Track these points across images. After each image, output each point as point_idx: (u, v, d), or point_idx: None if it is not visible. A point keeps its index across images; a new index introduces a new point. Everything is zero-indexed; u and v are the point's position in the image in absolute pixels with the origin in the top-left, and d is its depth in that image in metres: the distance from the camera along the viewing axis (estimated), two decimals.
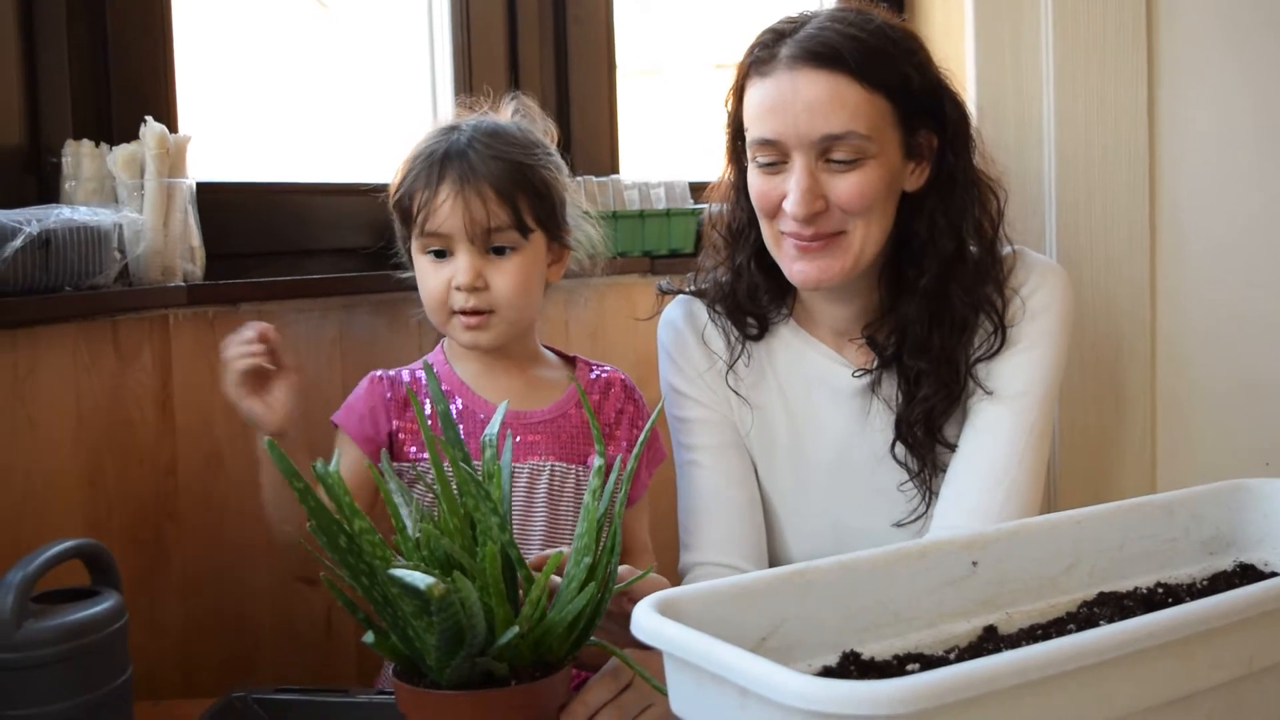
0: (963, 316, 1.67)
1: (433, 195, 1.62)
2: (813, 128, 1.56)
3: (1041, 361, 1.69)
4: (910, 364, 1.68)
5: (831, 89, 1.56)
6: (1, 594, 1.24)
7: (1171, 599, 1.16)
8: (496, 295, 1.63)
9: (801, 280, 1.66)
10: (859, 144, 1.57)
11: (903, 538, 1.71)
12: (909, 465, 1.70)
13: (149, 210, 1.74)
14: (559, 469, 1.68)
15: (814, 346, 1.77)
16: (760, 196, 1.64)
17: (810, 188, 1.58)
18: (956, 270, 1.66)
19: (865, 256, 1.63)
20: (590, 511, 1.23)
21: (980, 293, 1.68)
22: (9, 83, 1.73)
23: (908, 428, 1.69)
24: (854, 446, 1.75)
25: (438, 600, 1.04)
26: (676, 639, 0.91)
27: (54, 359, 1.64)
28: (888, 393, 1.72)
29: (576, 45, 2.39)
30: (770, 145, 1.60)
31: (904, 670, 1.01)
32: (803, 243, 1.62)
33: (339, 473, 1.20)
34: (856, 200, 1.58)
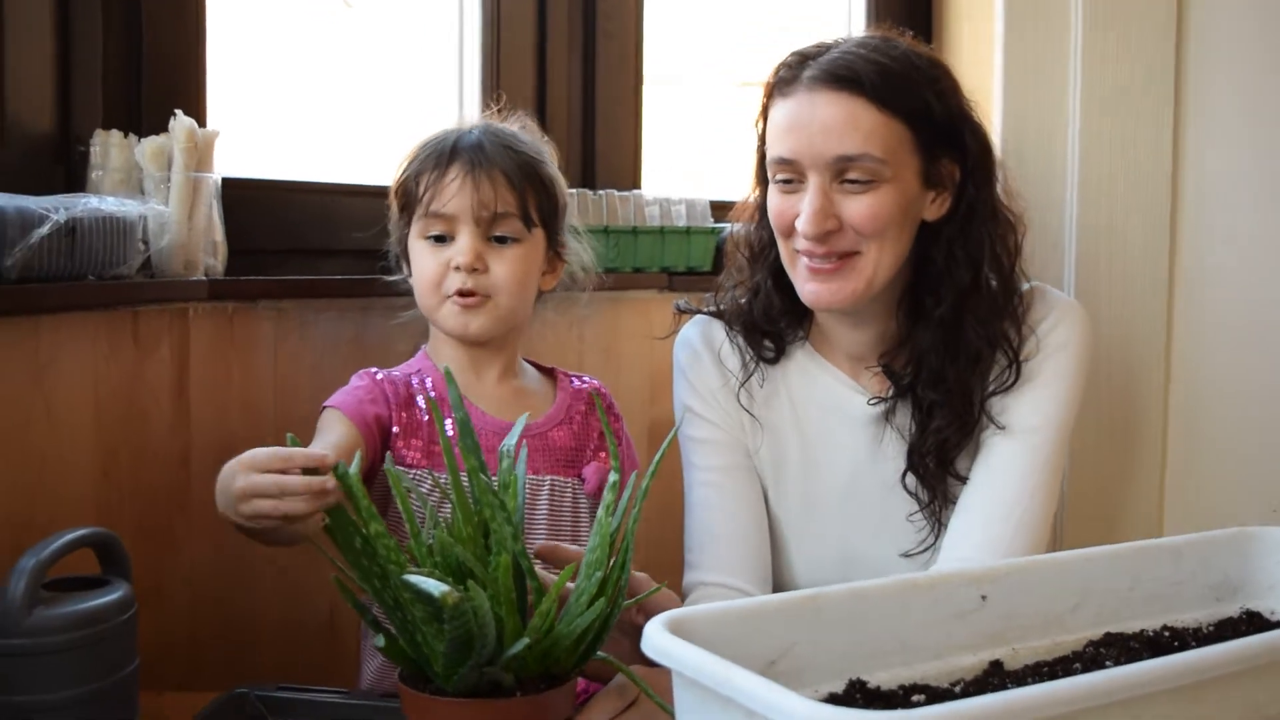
0: (976, 349, 1.66)
1: (441, 175, 1.62)
2: (827, 148, 1.58)
3: (1056, 398, 1.69)
4: (924, 394, 1.68)
5: (847, 111, 1.58)
6: (13, 580, 1.24)
7: (1178, 643, 1.16)
8: (495, 280, 1.63)
9: (814, 301, 1.66)
10: (873, 166, 1.57)
11: (910, 568, 1.71)
12: (919, 496, 1.70)
13: (174, 203, 1.75)
14: (558, 484, 1.68)
15: (829, 372, 1.77)
16: (777, 215, 1.66)
17: (822, 207, 1.59)
18: (972, 302, 1.66)
19: (878, 281, 1.63)
20: (604, 526, 1.23)
21: (995, 326, 1.67)
22: (42, 71, 1.74)
23: (919, 458, 1.69)
24: (865, 474, 1.74)
25: (451, 608, 1.05)
26: (687, 659, 0.91)
27: (74, 347, 1.65)
28: (901, 422, 1.72)
29: (605, 59, 2.40)
30: (787, 164, 1.62)
31: (909, 701, 1.02)
32: (815, 263, 1.63)
33: (358, 475, 1.21)
34: (868, 222, 1.59)
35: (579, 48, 2.37)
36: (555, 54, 2.34)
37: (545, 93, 2.32)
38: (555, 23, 2.33)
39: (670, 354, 1.87)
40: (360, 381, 1.66)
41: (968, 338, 1.66)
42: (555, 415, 1.72)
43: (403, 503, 1.24)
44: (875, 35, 1.68)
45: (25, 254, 1.51)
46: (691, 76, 2.70)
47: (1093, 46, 2.28)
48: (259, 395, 1.89)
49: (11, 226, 1.50)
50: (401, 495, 1.25)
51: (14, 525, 1.58)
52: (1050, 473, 1.67)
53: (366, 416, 1.60)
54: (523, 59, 2.31)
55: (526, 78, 2.30)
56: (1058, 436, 1.68)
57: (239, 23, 2.04)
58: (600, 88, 2.39)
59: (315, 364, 1.95)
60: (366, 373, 1.68)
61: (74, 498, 1.66)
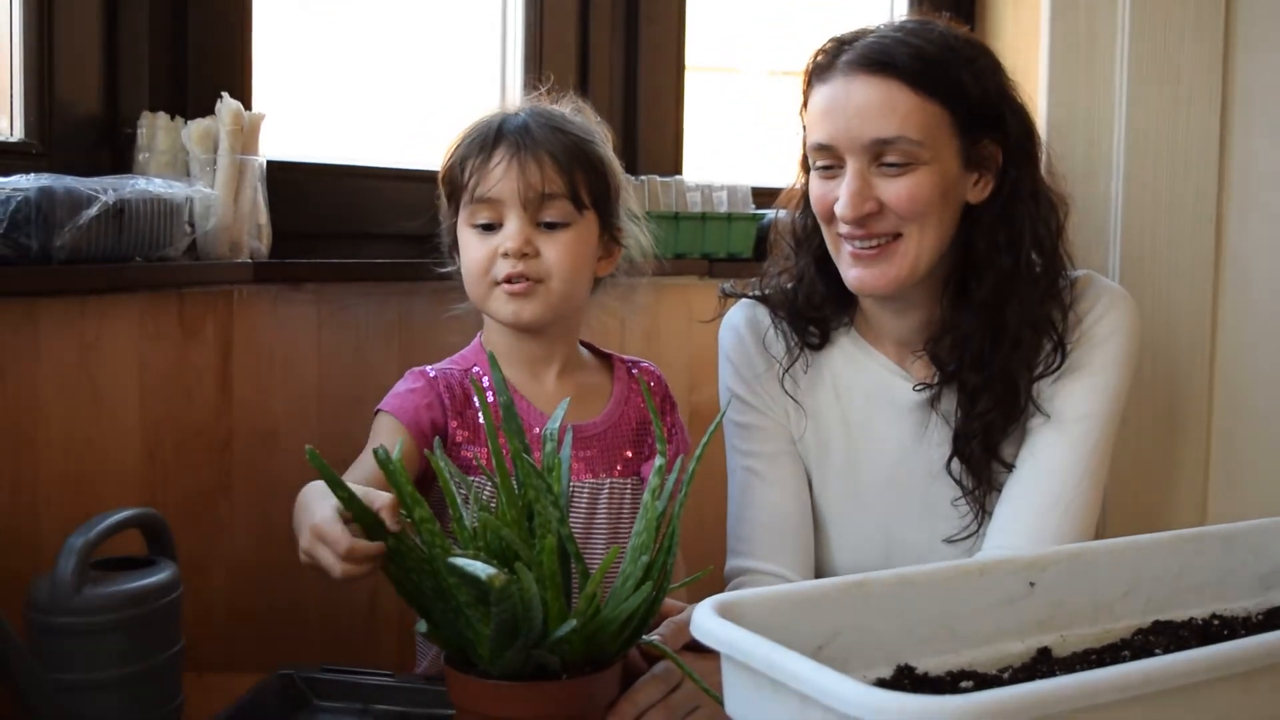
0: (1018, 332, 1.64)
1: (486, 159, 1.57)
2: (863, 131, 1.57)
3: (1105, 387, 1.67)
4: (968, 378, 1.66)
5: (883, 94, 1.57)
6: (62, 559, 1.25)
7: (1227, 631, 1.16)
8: (546, 265, 1.57)
9: (858, 286, 1.65)
10: (910, 149, 1.57)
11: (952, 554, 1.69)
12: (964, 482, 1.69)
13: (221, 185, 1.75)
14: (617, 486, 1.63)
15: (874, 358, 1.76)
16: (818, 201, 1.65)
17: (859, 190, 1.58)
18: (1013, 285, 1.65)
19: (921, 265, 1.62)
20: (649, 510, 1.23)
21: (1039, 310, 1.66)
22: (89, 53, 1.75)
23: (965, 443, 1.67)
24: (910, 460, 1.73)
25: (498, 591, 1.05)
26: (738, 643, 0.91)
27: (120, 328, 1.65)
28: (947, 408, 1.70)
29: (647, 44, 2.39)
30: (825, 149, 1.61)
31: (957, 687, 1.01)
32: (857, 248, 1.62)
33: (401, 460, 1.20)
34: (907, 203, 1.58)
35: (621, 32, 2.37)
36: (598, 39, 2.34)
37: (588, 77, 2.32)
38: (598, 7, 2.33)
39: (712, 339, 1.86)
40: (415, 384, 1.60)
41: (1009, 321, 1.64)
42: (613, 412, 1.67)
43: (445, 487, 1.24)
44: (912, 19, 1.68)
45: (74, 235, 1.52)
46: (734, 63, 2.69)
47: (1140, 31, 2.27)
48: (302, 378, 1.89)
49: (60, 207, 1.51)
50: (444, 479, 1.24)
51: (60, 504, 1.59)
52: (1097, 462, 1.66)
53: (422, 424, 1.55)
54: (565, 43, 2.30)
55: (569, 62, 2.30)
56: (1106, 426, 1.67)
57: (284, 6, 2.04)
58: (643, 72, 2.39)
59: (358, 348, 1.95)
60: (420, 372, 1.62)
61: (118, 479, 1.67)
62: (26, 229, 1.49)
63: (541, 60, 2.26)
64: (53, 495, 1.59)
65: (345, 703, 1.42)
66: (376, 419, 1.58)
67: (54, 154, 1.71)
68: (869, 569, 1.66)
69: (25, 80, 1.70)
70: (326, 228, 2.01)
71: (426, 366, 1.63)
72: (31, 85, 1.70)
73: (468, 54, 2.32)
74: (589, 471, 1.61)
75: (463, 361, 1.66)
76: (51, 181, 1.51)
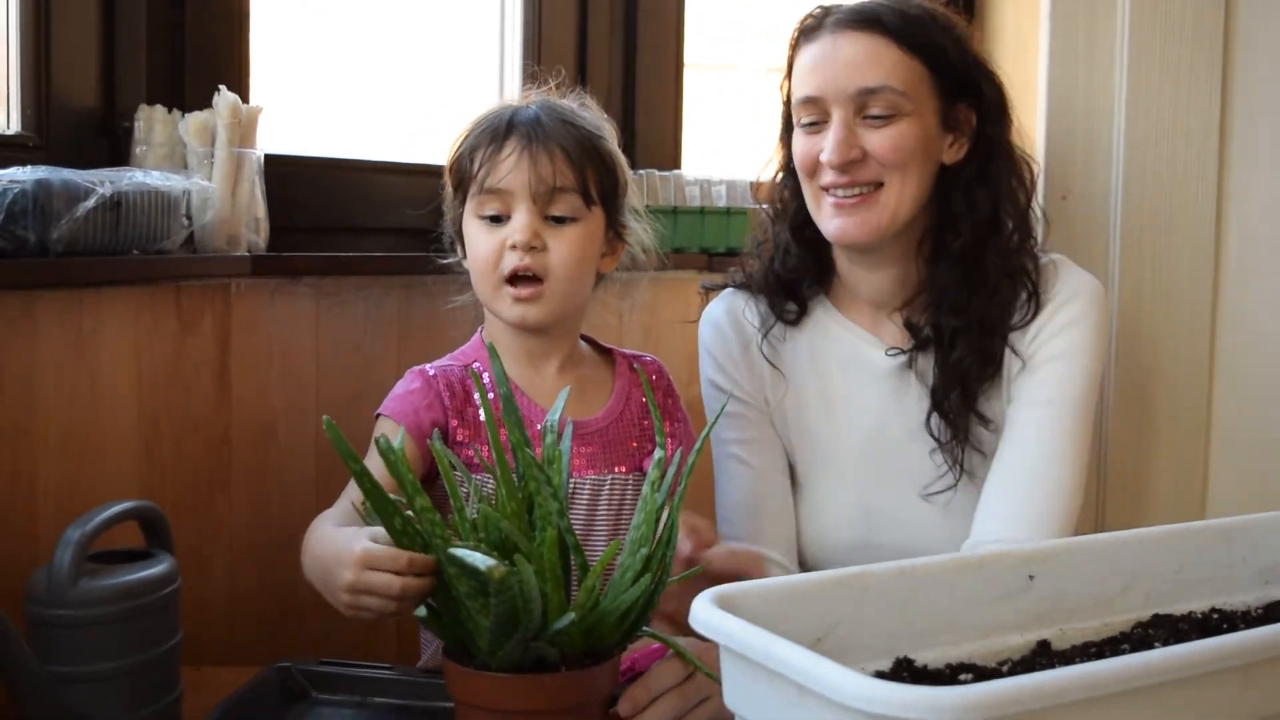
0: (996, 280, 1.70)
1: (497, 150, 1.56)
2: (850, 82, 1.64)
3: (1074, 369, 1.70)
4: (945, 325, 1.71)
5: (870, 46, 1.64)
6: (59, 552, 1.25)
7: (1227, 625, 1.15)
8: (552, 260, 1.56)
9: (839, 235, 1.69)
10: (894, 99, 1.63)
11: (929, 511, 1.74)
12: (941, 436, 1.72)
13: (218, 179, 1.75)
14: (618, 481, 1.63)
15: (848, 328, 1.80)
16: (802, 155, 1.70)
17: (845, 138, 1.64)
18: (991, 236, 1.71)
19: (901, 215, 1.68)
20: (648, 503, 1.23)
21: (1014, 260, 1.72)
22: (87, 46, 1.75)
23: (944, 394, 1.71)
24: (887, 424, 1.77)
25: (497, 582, 1.04)
26: (736, 634, 0.90)
27: (117, 321, 1.65)
28: (924, 368, 1.75)
29: (646, 39, 2.39)
30: (812, 103, 1.67)
31: (956, 679, 1.01)
32: (840, 196, 1.67)
33: (403, 450, 1.20)
34: (890, 152, 1.64)
35: (620, 27, 2.37)
36: (596, 33, 2.34)
37: (586, 72, 2.32)
38: (597, 2, 2.33)
39: None
40: (413, 384, 1.60)
41: (988, 268, 1.70)
42: (615, 408, 1.67)
43: (447, 478, 1.24)
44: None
45: (71, 227, 1.51)
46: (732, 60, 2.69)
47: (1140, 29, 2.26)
48: (300, 371, 1.89)
49: (58, 200, 1.50)
50: (446, 471, 1.24)
51: (58, 497, 1.59)
52: (1074, 441, 1.68)
53: (423, 425, 1.54)
54: (564, 38, 2.30)
55: (568, 57, 2.30)
56: (1080, 408, 1.70)
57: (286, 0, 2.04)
58: (641, 67, 2.39)
59: (357, 342, 1.95)
60: (419, 372, 1.61)
61: (116, 471, 1.66)
62: (23, 221, 1.49)
63: (540, 55, 2.26)
64: (50, 488, 1.59)
65: (344, 695, 1.42)
66: (377, 423, 1.58)
67: (51, 147, 1.71)
68: (848, 536, 1.77)
69: (22, 73, 1.70)
70: (324, 221, 2.01)
71: (426, 365, 1.62)
72: (29, 78, 1.70)
73: (466, 48, 2.32)
74: (590, 467, 1.61)
75: (463, 358, 1.65)
76: (48, 174, 1.51)
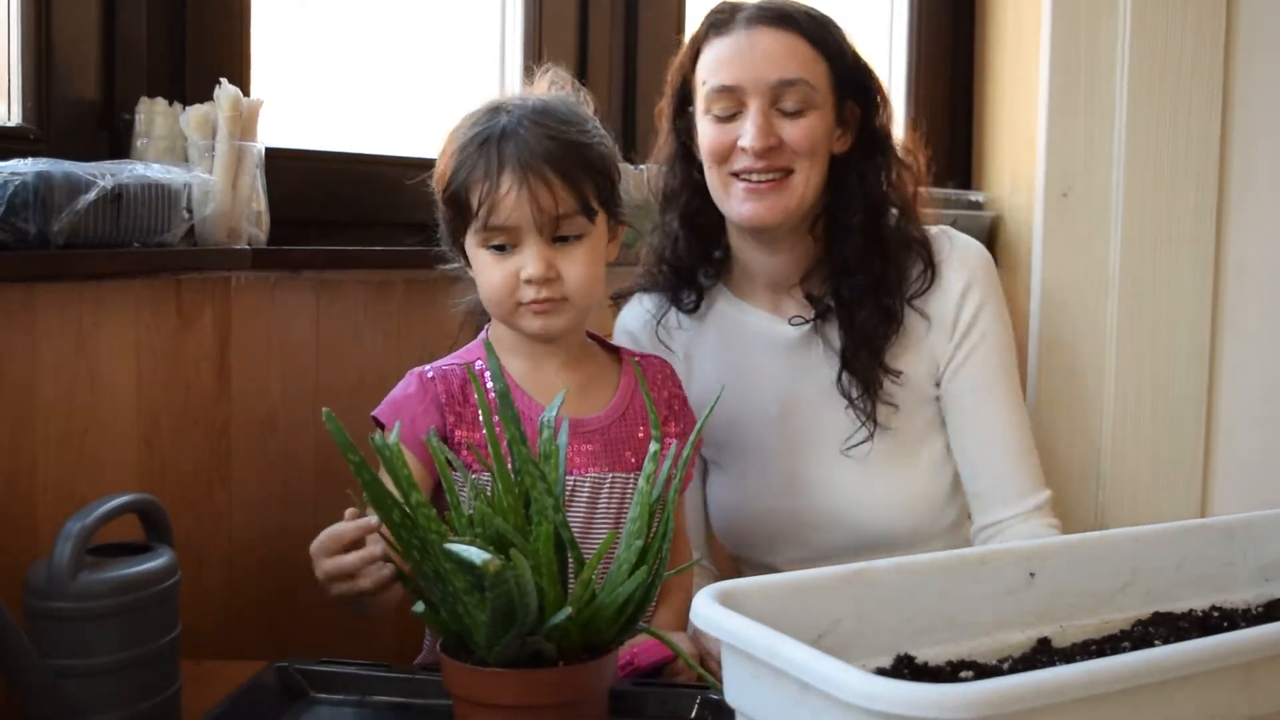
0: (894, 250, 1.84)
1: (494, 187, 1.52)
2: (770, 73, 1.74)
3: (999, 345, 1.87)
4: (847, 292, 1.83)
5: (786, 42, 1.76)
6: (59, 545, 1.24)
7: (1227, 623, 1.15)
8: (569, 285, 1.55)
9: (750, 217, 1.78)
10: (807, 92, 1.75)
11: (850, 466, 1.85)
12: (852, 392, 1.83)
13: (219, 172, 1.74)
14: (619, 479, 1.61)
15: (749, 312, 1.92)
16: (713, 143, 1.78)
17: (764, 125, 1.74)
18: (883, 210, 1.85)
19: (807, 199, 1.79)
20: (644, 495, 1.23)
21: (906, 232, 1.86)
22: (87, 38, 1.74)
23: (853, 354, 1.83)
24: (800, 392, 1.88)
25: (492, 576, 1.04)
26: (738, 631, 0.91)
27: (118, 314, 1.65)
28: (828, 334, 1.86)
29: (646, 31, 2.39)
30: (728, 92, 1.76)
31: (957, 677, 1.01)
32: (753, 183, 1.76)
33: (398, 445, 1.20)
34: (805, 140, 1.75)
35: (621, 18, 2.37)
36: (597, 24, 2.33)
37: (587, 64, 2.32)
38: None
39: None
40: (409, 389, 1.59)
41: (884, 239, 1.83)
42: (618, 406, 1.65)
43: (443, 474, 1.24)
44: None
45: (72, 220, 1.51)
46: None
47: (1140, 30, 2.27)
48: (300, 365, 1.89)
49: (58, 192, 1.50)
50: (442, 467, 1.24)
51: (57, 490, 1.58)
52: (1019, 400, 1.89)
53: (419, 434, 1.49)
54: (565, 30, 2.30)
55: (568, 49, 2.30)
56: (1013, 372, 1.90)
57: None
58: (642, 60, 2.38)
59: (357, 335, 1.95)
60: (417, 375, 1.60)
61: (115, 465, 1.66)
62: (24, 214, 1.49)
63: (540, 48, 2.26)
64: (50, 481, 1.58)
65: (342, 694, 1.42)
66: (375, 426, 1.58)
67: (51, 139, 1.70)
68: (769, 503, 1.88)
69: (23, 65, 1.69)
70: (325, 215, 2.01)
71: (426, 367, 1.61)
72: (29, 70, 1.69)
73: (467, 41, 2.32)
74: (591, 465, 1.60)
75: (467, 355, 1.65)
76: (49, 166, 1.51)
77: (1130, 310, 2.28)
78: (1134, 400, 2.28)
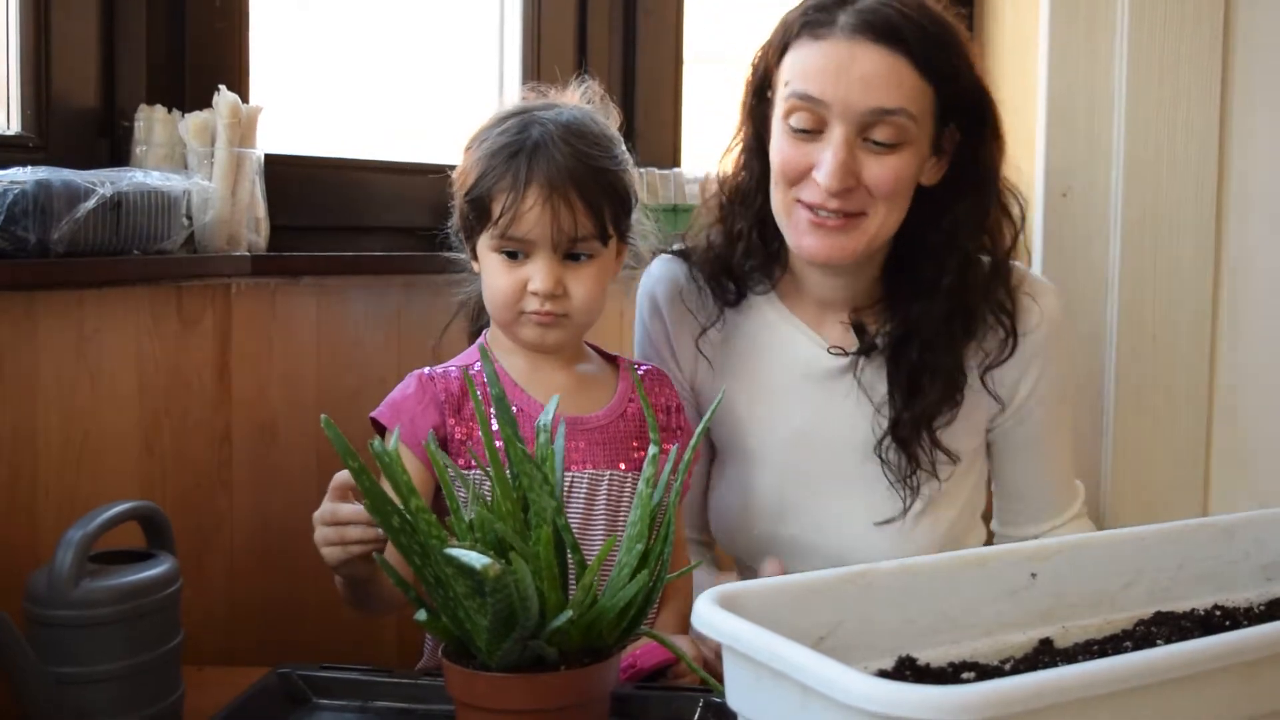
0: (969, 318, 1.67)
1: (519, 199, 1.53)
2: (865, 99, 1.53)
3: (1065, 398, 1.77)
4: (911, 364, 1.66)
5: (890, 66, 1.53)
6: (60, 552, 1.25)
7: (1229, 622, 1.15)
8: (574, 302, 1.57)
9: (811, 255, 1.61)
10: (904, 124, 1.54)
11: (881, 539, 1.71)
12: (895, 461, 1.69)
13: (218, 178, 1.75)
14: (617, 478, 1.62)
15: (791, 321, 1.74)
16: (786, 161, 1.59)
17: (846, 161, 1.54)
18: (967, 271, 1.65)
19: (878, 241, 1.61)
20: (644, 499, 1.22)
21: (991, 297, 1.67)
22: (87, 46, 1.75)
23: (906, 426, 1.67)
24: (820, 424, 1.72)
25: (493, 581, 1.04)
26: (739, 634, 0.90)
27: (118, 321, 1.65)
28: (870, 381, 1.70)
29: (645, 36, 2.39)
30: (813, 106, 1.55)
31: (959, 678, 1.01)
32: (820, 217, 1.58)
33: (397, 451, 1.20)
34: (889, 184, 1.56)
35: (619, 24, 2.37)
36: (596, 30, 2.33)
37: (585, 69, 2.31)
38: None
39: None
40: (409, 389, 1.60)
41: (961, 307, 1.65)
42: (616, 408, 1.66)
43: (442, 479, 1.24)
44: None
45: (71, 228, 1.51)
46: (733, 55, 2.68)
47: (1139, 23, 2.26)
48: (301, 371, 1.89)
49: (58, 200, 1.50)
50: (441, 471, 1.24)
51: (59, 497, 1.59)
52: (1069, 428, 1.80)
53: (419, 434, 1.52)
54: (563, 35, 2.30)
55: (567, 54, 2.30)
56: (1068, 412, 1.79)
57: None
58: (641, 65, 2.38)
59: (357, 340, 1.95)
60: (416, 375, 1.61)
61: (117, 472, 1.66)
62: (24, 222, 1.49)
63: (539, 53, 2.26)
64: (51, 488, 1.58)
65: (344, 700, 1.42)
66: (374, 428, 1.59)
67: (51, 147, 1.70)
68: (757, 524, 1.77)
69: (22, 73, 1.69)
70: (324, 221, 2.01)
71: (425, 369, 1.62)
72: (28, 78, 1.70)
73: (465, 46, 2.32)
74: (589, 463, 1.60)
75: (466, 358, 1.66)
76: (48, 174, 1.51)
77: (1130, 310, 2.28)
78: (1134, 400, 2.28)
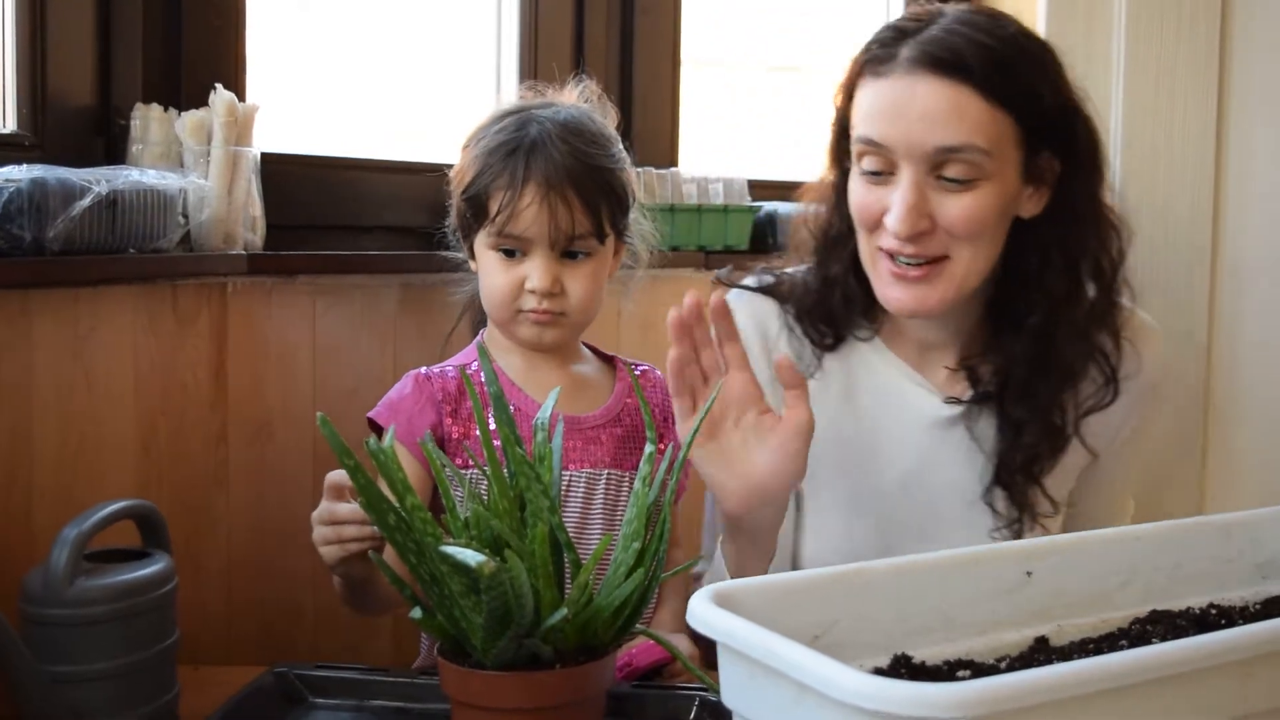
0: (1070, 363, 1.55)
1: (516, 197, 1.54)
2: (927, 138, 1.43)
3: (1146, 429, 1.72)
4: (1013, 409, 1.56)
5: (952, 99, 1.42)
6: (56, 551, 1.24)
7: (1225, 621, 1.15)
8: (571, 300, 1.59)
9: (896, 308, 1.52)
10: (976, 160, 1.43)
11: None
12: (1003, 510, 1.59)
13: (214, 177, 1.75)
14: (614, 476, 1.63)
15: (893, 364, 1.64)
16: (861, 208, 1.51)
17: (915, 204, 1.44)
18: (1068, 312, 1.54)
19: (968, 286, 1.50)
20: (640, 498, 1.22)
21: (1093, 340, 1.57)
22: (82, 44, 1.75)
23: (1009, 474, 1.57)
24: (927, 472, 1.62)
25: (487, 578, 1.04)
26: (734, 631, 0.90)
27: (114, 320, 1.65)
28: (981, 430, 1.60)
29: (643, 36, 2.39)
30: (876, 149, 1.46)
31: (954, 676, 1.01)
32: (900, 267, 1.49)
33: (392, 449, 1.20)
34: (965, 225, 1.45)
35: (617, 24, 2.37)
36: (593, 30, 2.33)
37: (583, 68, 2.31)
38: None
39: None
40: (405, 389, 1.61)
41: (1061, 350, 1.55)
42: (613, 407, 1.67)
43: (438, 476, 1.24)
44: (981, 12, 1.52)
45: (67, 226, 1.51)
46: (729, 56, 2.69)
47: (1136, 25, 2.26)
48: (297, 370, 1.89)
49: (53, 198, 1.50)
50: (437, 470, 1.24)
51: (54, 496, 1.59)
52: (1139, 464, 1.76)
53: (416, 433, 1.53)
54: (561, 36, 2.30)
55: (564, 54, 2.29)
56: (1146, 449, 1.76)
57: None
58: (638, 65, 2.38)
59: (353, 339, 1.95)
60: (413, 375, 1.62)
61: (112, 470, 1.66)
62: (19, 220, 1.49)
63: (536, 52, 2.26)
64: (47, 487, 1.58)
65: (340, 699, 1.42)
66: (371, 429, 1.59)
67: (46, 145, 1.71)
68: None
69: (18, 71, 1.70)
70: (320, 219, 2.01)
71: (423, 368, 1.63)
72: (24, 76, 1.70)
73: (462, 45, 2.32)
74: (586, 461, 1.61)
75: (464, 358, 1.66)
76: (44, 173, 1.51)
77: None
78: None
